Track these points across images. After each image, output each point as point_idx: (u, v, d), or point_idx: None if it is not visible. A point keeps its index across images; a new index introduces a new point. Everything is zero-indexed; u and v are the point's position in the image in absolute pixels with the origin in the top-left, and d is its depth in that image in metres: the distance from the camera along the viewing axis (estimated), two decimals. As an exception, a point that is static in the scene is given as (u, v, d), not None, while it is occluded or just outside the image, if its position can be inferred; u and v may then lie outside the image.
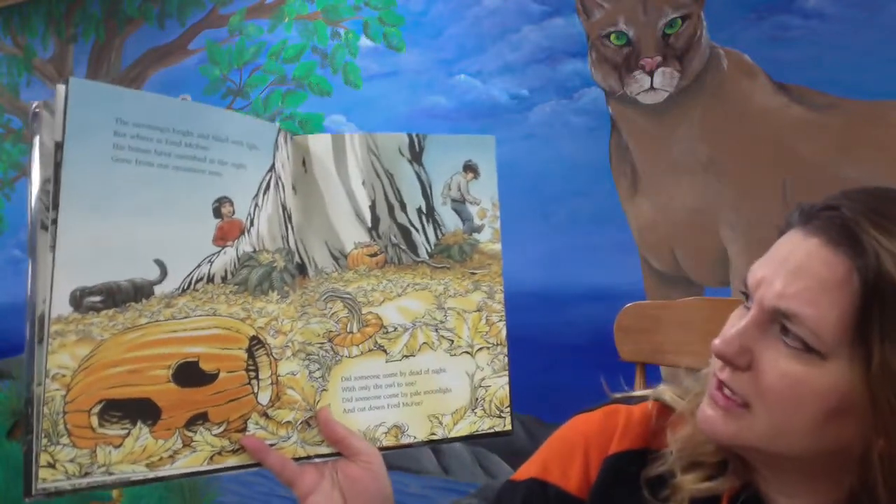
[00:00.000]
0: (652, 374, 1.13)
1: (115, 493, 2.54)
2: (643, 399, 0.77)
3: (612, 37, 1.82)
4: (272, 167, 0.73)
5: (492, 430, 0.80)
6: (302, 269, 0.75)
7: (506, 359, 0.82)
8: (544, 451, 0.79)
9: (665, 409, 0.74)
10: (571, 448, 0.76)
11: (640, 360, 1.12)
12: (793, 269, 0.59)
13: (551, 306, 1.88)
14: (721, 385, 0.63)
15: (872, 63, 1.58)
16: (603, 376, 0.82)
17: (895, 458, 0.57)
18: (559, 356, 1.85)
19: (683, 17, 1.75)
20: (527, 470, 0.78)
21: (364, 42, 2.15)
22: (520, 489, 0.77)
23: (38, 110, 0.61)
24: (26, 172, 2.76)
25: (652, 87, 1.78)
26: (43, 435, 0.60)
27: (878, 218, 0.57)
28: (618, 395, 0.80)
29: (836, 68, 1.61)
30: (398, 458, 2.06)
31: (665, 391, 0.75)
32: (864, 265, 0.55)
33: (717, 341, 0.62)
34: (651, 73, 1.77)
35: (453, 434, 0.79)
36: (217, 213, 0.69)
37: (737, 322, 0.63)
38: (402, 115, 2.08)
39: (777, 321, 0.60)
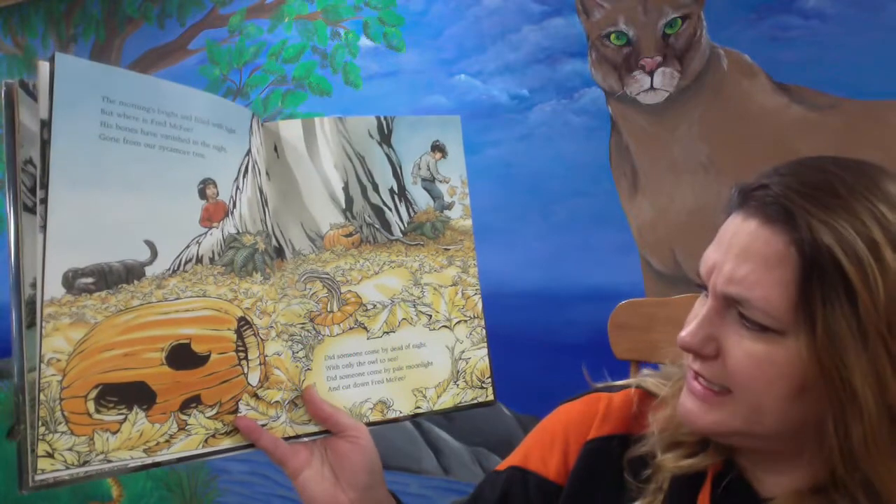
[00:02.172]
0: (651, 374, 1.13)
1: (115, 493, 2.54)
2: (626, 388, 0.78)
3: (612, 37, 1.82)
4: (248, 151, 0.73)
5: (475, 402, 0.82)
6: (279, 252, 0.76)
7: (483, 331, 0.83)
8: (527, 441, 0.80)
9: (647, 396, 0.75)
10: (552, 436, 0.78)
11: (634, 358, 1.12)
12: (737, 252, 0.60)
13: (551, 306, 1.88)
14: (696, 375, 0.64)
15: (872, 63, 1.58)
16: (586, 368, 0.83)
17: (849, 427, 0.57)
18: (559, 356, 1.85)
19: (683, 16, 1.75)
20: (509, 460, 0.80)
21: (364, 42, 2.15)
22: (501, 477, 0.78)
23: (11, 88, 0.59)
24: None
25: (652, 87, 1.77)
26: (40, 423, 0.58)
27: (806, 189, 0.58)
28: (600, 385, 0.81)
29: (836, 68, 1.61)
30: (398, 457, 2.06)
31: (648, 378, 0.76)
32: (800, 238, 0.56)
33: (682, 334, 0.63)
34: (651, 73, 1.77)
35: (438, 407, 0.80)
36: (202, 194, 0.68)
37: (698, 311, 0.64)
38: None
39: (733, 306, 0.61)
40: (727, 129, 1.71)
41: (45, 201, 0.59)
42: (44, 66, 0.59)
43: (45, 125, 0.59)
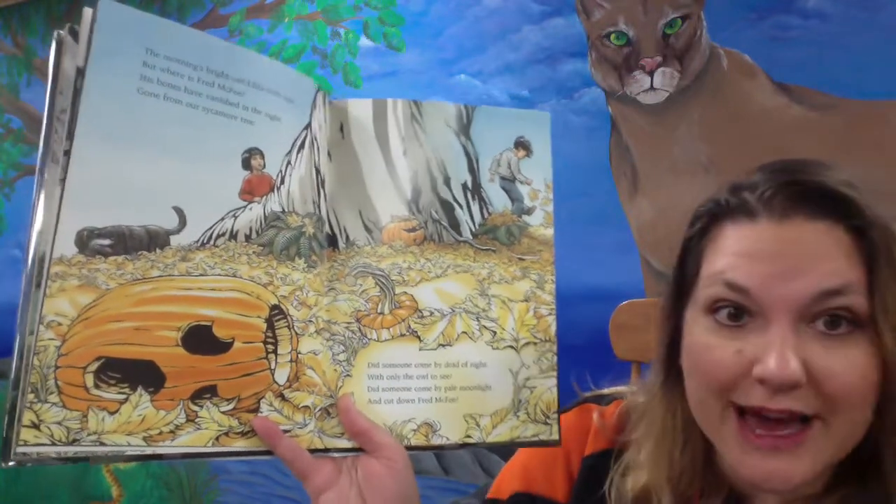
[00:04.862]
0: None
1: (115, 492, 2.54)
2: (614, 397, 0.74)
3: (612, 37, 1.82)
4: (308, 125, 0.66)
5: (536, 439, 0.69)
6: (332, 240, 0.68)
7: (555, 357, 0.72)
8: (522, 460, 0.75)
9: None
10: (552, 453, 0.72)
11: (635, 358, 1.12)
12: (801, 254, 0.56)
13: (551, 306, 1.88)
14: (766, 421, 0.56)
15: (872, 63, 1.58)
16: (574, 379, 0.78)
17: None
18: (559, 356, 1.85)
19: (683, 16, 1.75)
20: (508, 484, 0.74)
21: (364, 42, 2.15)
22: None
23: (61, 36, 0.56)
24: (27, 172, 2.76)
25: (652, 87, 1.77)
26: (30, 390, 0.52)
27: (827, 178, 0.58)
28: (588, 395, 0.77)
29: (836, 68, 1.61)
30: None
31: (636, 393, 0.72)
32: (861, 223, 0.56)
33: (772, 367, 0.54)
34: (651, 73, 1.77)
35: (491, 439, 0.68)
36: (246, 164, 0.62)
37: (744, 339, 0.57)
38: (402, 115, 2.08)
39: (805, 318, 0.55)
40: (727, 129, 1.71)
41: (68, 153, 0.54)
42: (87, 12, 0.55)
43: (80, 73, 0.55)
